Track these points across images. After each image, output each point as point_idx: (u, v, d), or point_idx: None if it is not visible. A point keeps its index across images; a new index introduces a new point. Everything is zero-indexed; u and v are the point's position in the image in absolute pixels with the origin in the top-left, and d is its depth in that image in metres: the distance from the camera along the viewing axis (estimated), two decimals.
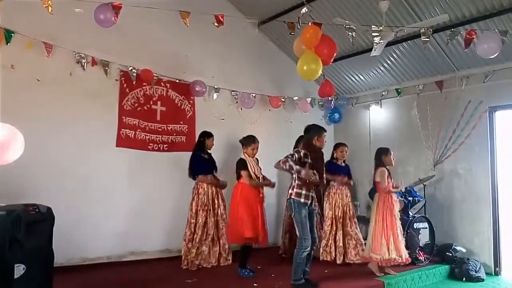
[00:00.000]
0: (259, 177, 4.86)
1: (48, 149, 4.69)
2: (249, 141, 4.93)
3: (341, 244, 5.37)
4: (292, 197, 4.14)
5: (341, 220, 5.45)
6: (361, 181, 7.12)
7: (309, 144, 4.25)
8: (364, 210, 7.08)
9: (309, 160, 4.08)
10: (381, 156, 5.05)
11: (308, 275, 4.27)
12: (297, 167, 3.95)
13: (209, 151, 5.25)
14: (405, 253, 4.88)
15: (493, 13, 4.97)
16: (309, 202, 4.16)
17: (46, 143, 4.64)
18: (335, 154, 5.70)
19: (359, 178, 7.06)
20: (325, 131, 4.39)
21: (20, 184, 4.28)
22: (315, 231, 4.31)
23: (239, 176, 4.87)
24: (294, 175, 4.22)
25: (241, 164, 4.85)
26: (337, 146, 5.77)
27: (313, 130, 4.31)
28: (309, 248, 4.11)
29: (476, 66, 5.85)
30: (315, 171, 4.02)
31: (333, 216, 5.46)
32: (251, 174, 4.77)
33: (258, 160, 5.01)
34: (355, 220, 5.54)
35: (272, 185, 4.97)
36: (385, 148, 5.16)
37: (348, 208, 5.50)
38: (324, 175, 4.39)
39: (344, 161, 5.75)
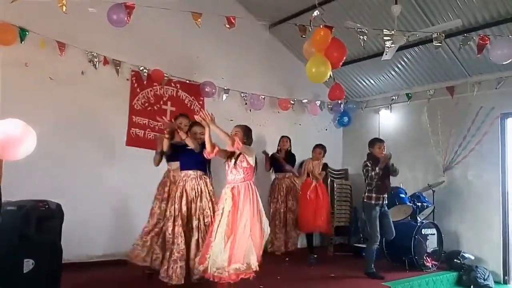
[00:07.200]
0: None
1: (59, 146, 4.74)
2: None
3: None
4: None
5: None
6: None
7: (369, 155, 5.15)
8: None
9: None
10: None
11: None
12: None
13: None
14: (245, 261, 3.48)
15: (507, 18, 4.92)
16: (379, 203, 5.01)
17: (57, 140, 4.69)
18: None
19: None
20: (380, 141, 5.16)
21: (31, 181, 4.33)
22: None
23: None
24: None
25: None
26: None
27: (370, 143, 5.20)
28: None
29: (488, 72, 5.79)
30: None
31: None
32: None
33: None
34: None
35: None
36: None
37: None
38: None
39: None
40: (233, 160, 3.75)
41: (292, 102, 6.99)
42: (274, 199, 6.18)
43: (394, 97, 6.97)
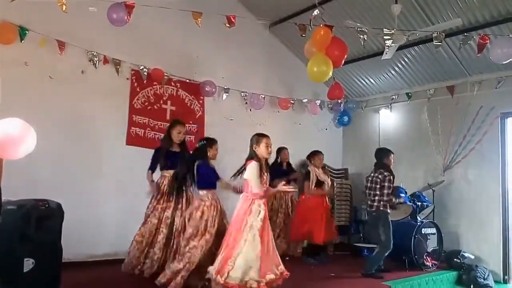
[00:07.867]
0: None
1: (59, 145, 4.73)
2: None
3: None
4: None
5: None
6: None
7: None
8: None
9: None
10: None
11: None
12: None
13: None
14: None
15: (507, 18, 4.92)
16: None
17: (57, 139, 4.68)
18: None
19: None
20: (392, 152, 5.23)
21: (31, 180, 4.33)
22: None
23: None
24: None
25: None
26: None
27: (385, 152, 5.21)
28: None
29: (488, 71, 5.79)
30: None
31: None
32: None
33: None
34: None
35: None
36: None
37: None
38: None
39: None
40: (266, 174, 3.69)
41: (292, 102, 6.99)
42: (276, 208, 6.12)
43: (394, 97, 6.97)
